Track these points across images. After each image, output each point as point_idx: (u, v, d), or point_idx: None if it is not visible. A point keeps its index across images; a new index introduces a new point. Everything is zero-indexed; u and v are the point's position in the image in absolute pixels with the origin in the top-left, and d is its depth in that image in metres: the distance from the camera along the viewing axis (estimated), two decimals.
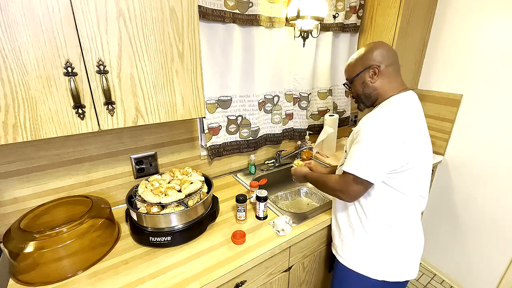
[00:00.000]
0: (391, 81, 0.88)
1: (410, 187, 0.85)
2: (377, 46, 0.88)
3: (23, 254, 0.76)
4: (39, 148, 0.94)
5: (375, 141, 0.78)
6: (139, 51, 0.77)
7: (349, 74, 0.95)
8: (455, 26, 1.53)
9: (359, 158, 0.80)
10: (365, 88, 0.91)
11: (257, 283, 0.98)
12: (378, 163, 0.78)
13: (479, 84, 1.49)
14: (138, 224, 0.94)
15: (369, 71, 0.88)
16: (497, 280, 1.57)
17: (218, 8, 1.11)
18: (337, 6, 1.48)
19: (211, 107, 1.28)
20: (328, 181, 0.91)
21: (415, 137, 0.81)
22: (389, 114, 0.80)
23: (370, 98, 0.91)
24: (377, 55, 0.87)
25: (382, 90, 0.88)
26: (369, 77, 0.88)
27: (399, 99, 0.85)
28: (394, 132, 0.78)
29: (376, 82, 0.88)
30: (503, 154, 1.45)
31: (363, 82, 0.90)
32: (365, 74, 0.89)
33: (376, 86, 0.88)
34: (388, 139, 0.77)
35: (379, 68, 0.86)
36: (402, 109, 0.82)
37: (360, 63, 0.90)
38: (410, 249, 0.92)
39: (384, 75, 0.87)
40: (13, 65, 0.63)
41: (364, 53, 0.89)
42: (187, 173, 1.08)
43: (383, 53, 0.87)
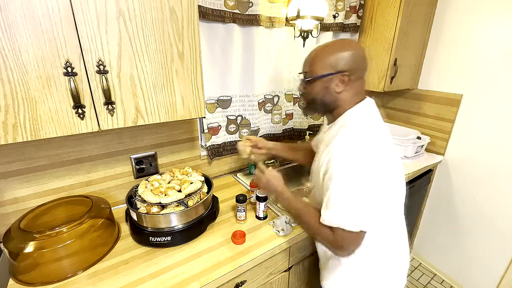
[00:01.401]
0: (356, 93, 0.74)
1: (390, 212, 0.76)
2: (354, 48, 0.72)
3: (23, 254, 0.76)
4: (39, 148, 0.94)
5: (354, 179, 0.64)
6: (139, 51, 0.77)
7: (310, 69, 0.76)
8: (455, 26, 1.53)
9: (345, 203, 0.65)
10: (326, 95, 0.74)
11: (257, 283, 0.98)
12: (365, 205, 0.66)
13: (479, 84, 1.49)
14: (138, 224, 0.94)
15: (338, 77, 0.72)
16: (497, 280, 1.57)
17: (218, 8, 1.11)
18: (337, 6, 1.48)
19: (211, 107, 1.28)
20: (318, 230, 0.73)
21: (391, 156, 0.72)
22: (359, 141, 0.67)
23: (327, 107, 0.77)
24: (352, 60, 0.71)
25: (343, 102, 0.74)
26: (335, 84, 0.72)
27: (363, 113, 0.73)
28: (377, 160, 0.66)
29: (342, 92, 0.73)
30: (503, 154, 1.45)
31: (326, 87, 0.73)
32: (331, 79, 0.72)
33: (340, 97, 0.73)
34: (375, 171, 0.65)
35: (350, 78, 0.71)
36: (373, 126, 0.72)
37: (330, 62, 0.72)
38: (392, 266, 0.82)
39: (352, 86, 0.73)
40: (13, 65, 0.63)
41: (337, 52, 0.72)
42: (187, 173, 1.08)
43: (359, 59, 0.72)
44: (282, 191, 0.85)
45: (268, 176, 0.88)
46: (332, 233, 0.70)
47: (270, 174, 0.88)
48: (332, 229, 0.69)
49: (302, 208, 0.79)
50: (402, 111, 1.91)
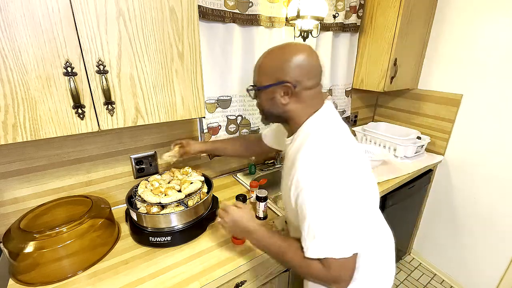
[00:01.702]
0: (307, 105, 0.68)
1: None
2: (301, 56, 0.65)
3: (23, 254, 0.76)
4: (39, 148, 0.94)
5: (335, 200, 0.58)
6: (139, 51, 0.77)
7: (257, 79, 0.72)
8: (455, 26, 1.53)
9: (330, 230, 0.58)
10: (274, 106, 0.70)
11: (257, 283, 0.98)
12: (355, 225, 0.60)
13: (479, 84, 1.49)
14: (138, 224, 0.94)
15: (282, 87, 0.66)
16: (497, 280, 1.57)
17: (218, 8, 1.11)
18: (337, 6, 1.48)
19: (210, 107, 1.28)
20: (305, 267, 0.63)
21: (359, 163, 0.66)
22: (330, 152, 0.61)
23: (278, 118, 0.73)
24: (298, 70, 0.64)
25: (294, 114, 0.69)
26: (280, 95, 0.67)
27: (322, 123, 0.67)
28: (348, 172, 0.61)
29: (289, 104, 0.68)
30: (503, 154, 1.45)
31: (272, 98, 0.69)
32: (276, 89, 0.67)
33: (287, 108, 0.68)
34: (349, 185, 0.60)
35: (294, 89, 0.65)
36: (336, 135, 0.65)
37: (274, 72, 0.67)
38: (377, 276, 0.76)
39: (300, 98, 0.67)
40: (13, 65, 0.63)
41: (282, 60, 0.66)
42: (187, 173, 1.08)
43: (307, 68, 0.65)
44: (254, 230, 0.72)
45: (234, 217, 0.76)
46: (322, 266, 0.60)
47: (236, 214, 0.76)
48: (322, 261, 0.60)
49: (281, 246, 0.67)
50: (402, 111, 1.91)
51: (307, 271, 0.63)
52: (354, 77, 1.78)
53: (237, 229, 0.77)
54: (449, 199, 1.74)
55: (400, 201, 1.53)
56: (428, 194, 1.85)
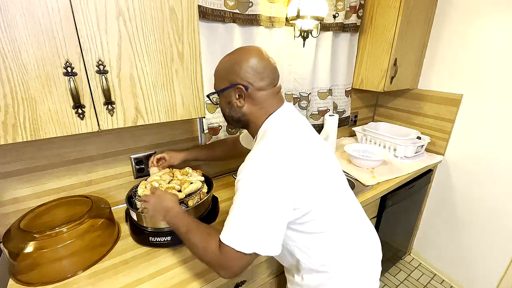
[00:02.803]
0: (263, 106, 0.69)
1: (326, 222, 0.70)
2: (251, 58, 0.67)
3: (23, 254, 0.75)
4: (39, 148, 0.94)
5: (259, 199, 0.59)
6: (138, 51, 0.77)
7: (215, 83, 0.74)
8: (455, 26, 1.53)
9: (242, 223, 0.59)
10: (231, 110, 0.72)
11: (257, 283, 0.98)
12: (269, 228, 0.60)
13: (479, 84, 1.49)
14: (138, 224, 0.94)
15: (235, 90, 0.68)
16: (497, 280, 1.57)
17: (218, 8, 1.11)
18: (337, 6, 1.48)
19: (211, 107, 1.28)
20: (203, 248, 0.64)
21: (312, 172, 0.66)
22: (271, 155, 0.62)
23: (239, 122, 0.74)
24: (248, 72, 0.66)
25: (252, 117, 0.70)
26: (235, 98, 0.69)
27: (277, 124, 0.68)
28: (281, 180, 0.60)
29: (244, 106, 0.69)
30: (503, 153, 1.45)
31: (229, 102, 0.71)
32: (231, 93, 0.69)
33: (244, 111, 0.70)
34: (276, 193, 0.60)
35: (246, 91, 0.67)
36: (287, 139, 0.65)
37: (227, 75, 0.69)
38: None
39: (254, 99, 0.68)
40: (13, 65, 0.63)
41: (233, 63, 0.68)
42: (187, 173, 1.08)
43: (257, 69, 0.67)
44: (172, 209, 0.74)
45: (161, 194, 0.79)
46: (218, 250, 0.61)
47: (159, 193, 0.79)
48: (223, 247, 0.60)
49: (191, 225, 0.69)
50: (402, 111, 1.91)
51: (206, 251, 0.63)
52: (354, 77, 1.78)
53: (158, 208, 0.76)
54: (449, 199, 1.74)
55: (400, 201, 1.53)
56: (428, 194, 1.85)
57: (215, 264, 0.63)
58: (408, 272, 1.92)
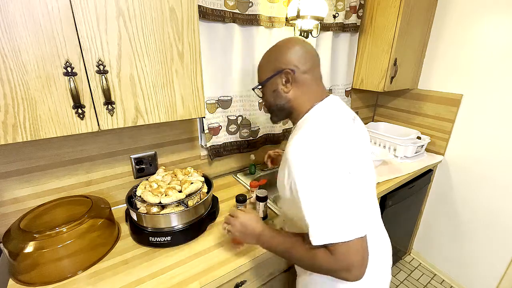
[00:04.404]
0: (308, 91, 0.70)
1: None
2: (293, 45, 0.70)
3: (23, 254, 0.75)
4: (39, 148, 0.94)
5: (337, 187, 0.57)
6: (138, 51, 0.77)
7: (259, 76, 0.76)
8: (455, 26, 1.53)
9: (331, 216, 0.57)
10: (277, 98, 0.72)
11: (257, 283, 0.98)
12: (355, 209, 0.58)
13: (479, 84, 1.49)
14: (138, 224, 0.94)
15: (281, 76, 0.69)
16: (497, 280, 1.57)
17: (218, 8, 1.11)
18: (337, 6, 1.48)
19: (211, 107, 1.28)
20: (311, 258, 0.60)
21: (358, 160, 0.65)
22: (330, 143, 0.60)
23: (283, 111, 0.74)
24: (291, 56, 0.68)
25: (296, 103, 0.71)
26: (281, 84, 0.70)
27: (323, 111, 0.68)
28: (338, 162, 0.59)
29: (290, 92, 0.70)
30: (503, 153, 1.45)
31: (275, 90, 0.72)
32: (277, 80, 0.71)
33: (289, 97, 0.71)
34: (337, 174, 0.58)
35: (293, 74, 0.68)
36: (334, 126, 0.64)
37: (272, 64, 0.71)
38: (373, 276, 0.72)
39: (299, 83, 0.69)
40: (13, 65, 0.63)
41: (277, 52, 0.71)
42: (188, 173, 1.08)
43: (300, 54, 0.69)
44: (261, 232, 0.72)
45: (242, 220, 0.76)
46: (329, 253, 0.57)
47: (244, 217, 0.77)
48: (328, 248, 0.58)
49: (285, 242, 0.66)
50: (402, 111, 1.91)
51: (313, 262, 0.60)
52: (354, 77, 1.78)
53: (246, 233, 0.75)
54: (449, 199, 1.74)
55: (400, 201, 1.53)
56: (428, 194, 1.85)
57: (335, 270, 0.58)
58: (408, 272, 1.92)
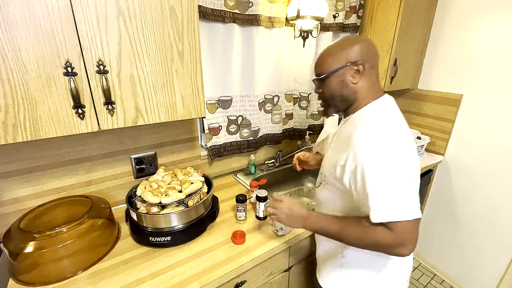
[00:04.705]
0: (372, 85, 0.74)
1: None
2: (363, 41, 0.73)
3: (23, 254, 0.75)
4: (39, 148, 0.94)
5: (392, 165, 0.63)
6: (139, 51, 0.77)
7: (322, 68, 0.76)
8: (455, 26, 1.53)
9: (401, 197, 0.63)
10: (343, 88, 0.74)
11: (257, 283, 0.98)
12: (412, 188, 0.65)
13: (479, 84, 1.49)
14: (138, 224, 0.94)
15: (353, 68, 0.72)
16: (497, 280, 1.57)
17: (218, 8, 1.11)
18: (337, 6, 1.48)
19: (211, 107, 1.28)
20: (368, 236, 0.67)
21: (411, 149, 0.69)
22: (394, 132, 0.67)
23: (347, 101, 0.76)
24: (363, 51, 0.72)
25: (361, 94, 0.74)
26: (351, 75, 0.72)
27: (376, 109, 0.72)
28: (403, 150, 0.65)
29: (359, 83, 0.73)
30: (503, 153, 1.45)
31: (342, 80, 0.73)
32: (346, 71, 0.72)
33: (357, 88, 0.73)
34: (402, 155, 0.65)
35: (364, 66, 0.71)
36: (393, 119, 0.71)
37: (341, 56, 0.73)
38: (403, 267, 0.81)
39: (366, 76, 0.73)
40: (13, 64, 0.63)
41: (347, 46, 0.73)
42: (188, 173, 1.08)
43: (369, 50, 0.73)
44: (308, 215, 0.78)
45: (289, 204, 0.81)
46: (388, 230, 0.64)
47: (290, 201, 0.82)
48: (387, 225, 0.64)
49: (339, 222, 0.72)
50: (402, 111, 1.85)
51: (372, 238, 0.66)
52: None
53: (292, 216, 0.80)
54: (449, 199, 1.74)
55: None
56: (428, 194, 1.85)
57: (391, 245, 0.65)
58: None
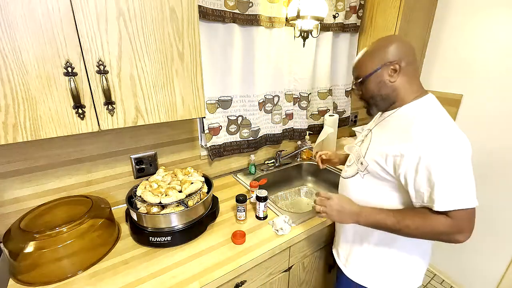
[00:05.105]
0: (412, 82, 0.77)
1: None
2: (397, 40, 0.77)
3: (23, 254, 0.75)
4: (39, 148, 0.94)
5: (458, 158, 0.69)
6: (139, 51, 0.77)
7: (360, 71, 0.81)
8: (455, 26, 1.53)
9: (460, 187, 0.69)
10: (382, 88, 0.78)
11: (257, 283, 0.98)
12: (472, 181, 0.72)
13: (479, 84, 1.49)
14: (138, 224, 0.94)
15: (389, 67, 0.75)
16: (497, 280, 1.57)
17: (218, 8, 1.11)
18: (337, 6, 1.48)
19: (211, 107, 1.28)
20: (429, 225, 0.71)
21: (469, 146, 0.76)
22: (450, 125, 0.71)
23: (387, 100, 0.79)
24: (397, 50, 0.75)
25: (401, 91, 0.77)
26: (388, 75, 0.76)
27: (432, 106, 0.75)
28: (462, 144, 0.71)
29: (397, 81, 0.76)
30: (503, 154, 1.45)
31: (380, 81, 0.77)
32: (383, 72, 0.76)
33: (396, 86, 0.76)
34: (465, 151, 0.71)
35: (400, 65, 0.74)
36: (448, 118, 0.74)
37: (377, 58, 0.77)
38: (421, 256, 0.86)
39: (404, 74, 0.76)
40: (13, 65, 0.63)
41: (381, 47, 0.77)
42: (188, 173, 1.08)
43: (404, 48, 0.76)
44: (361, 210, 0.79)
45: (339, 201, 0.81)
46: (450, 218, 0.69)
47: (340, 197, 0.83)
48: (449, 214, 0.69)
49: (395, 215, 0.75)
50: None
51: (432, 227, 0.71)
52: None
53: (344, 213, 0.80)
54: None
55: None
56: None
57: (451, 232, 0.71)
58: None
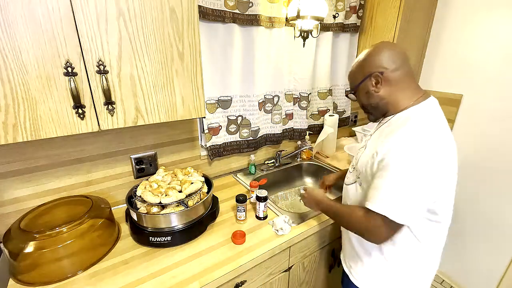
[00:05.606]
0: (401, 88, 0.76)
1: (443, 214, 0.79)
2: (380, 49, 0.76)
3: (23, 254, 0.75)
4: (39, 148, 0.94)
5: (411, 171, 0.65)
6: (139, 51, 0.77)
7: (351, 82, 0.85)
8: (455, 26, 1.53)
9: (391, 194, 0.67)
10: (370, 98, 0.80)
11: (257, 283, 0.98)
12: (415, 200, 0.67)
13: (479, 84, 1.49)
14: (138, 224, 0.94)
15: (371, 79, 0.76)
16: (497, 280, 1.57)
17: (218, 8, 1.11)
18: (337, 6, 1.48)
19: (211, 107, 1.28)
20: (351, 218, 0.77)
21: (449, 167, 0.71)
22: (422, 136, 0.68)
23: (378, 108, 0.81)
24: (379, 60, 0.75)
25: (391, 99, 0.77)
26: (372, 86, 0.77)
27: (423, 113, 0.73)
28: (433, 160, 0.66)
29: (381, 91, 0.76)
30: (503, 154, 1.45)
31: (367, 92, 0.79)
32: (367, 83, 0.78)
33: (382, 95, 0.77)
34: (427, 168, 0.66)
35: (382, 75, 0.74)
36: (435, 126, 0.71)
37: (360, 70, 0.80)
38: (429, 265, 0.85)
39: (390, 81, 0.75)
40: (13, 65, 0.63)
41: (364, 59, 0.79)
42: (188, 173, 1.08)
43: (387, 56, 0.75)
44: (322, 200, 0.92)
45: (310, 191, 1.01)
46: (369, 218, 0.71)
47: (313, 191, 1.01)
48: (374, 216, 0.69)
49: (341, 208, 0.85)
50: None
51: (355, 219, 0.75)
52: None
53: (311, 200, 0.97)
54: None
55: None
56: None
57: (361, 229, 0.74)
58: None
